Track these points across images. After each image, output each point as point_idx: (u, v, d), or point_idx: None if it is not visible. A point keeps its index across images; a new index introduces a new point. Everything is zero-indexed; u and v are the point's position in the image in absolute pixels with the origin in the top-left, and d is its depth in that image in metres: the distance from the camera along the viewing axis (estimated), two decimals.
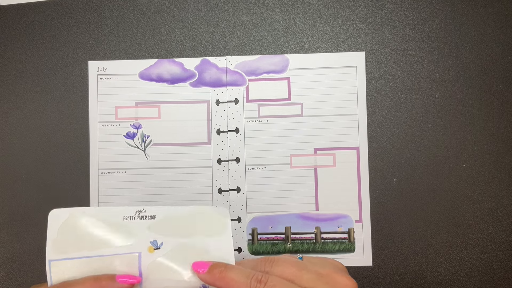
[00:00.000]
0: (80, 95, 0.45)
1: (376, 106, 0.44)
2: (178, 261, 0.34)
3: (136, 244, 0.33)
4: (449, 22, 0.44)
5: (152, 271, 0.33)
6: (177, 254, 0.34)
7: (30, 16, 0.45)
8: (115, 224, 0.34)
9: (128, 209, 0.34)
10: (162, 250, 0.33)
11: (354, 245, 0.43)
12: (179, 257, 0.34)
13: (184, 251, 0.34)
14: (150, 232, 0.34)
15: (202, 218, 0.35)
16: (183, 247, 0.34)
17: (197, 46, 0.45)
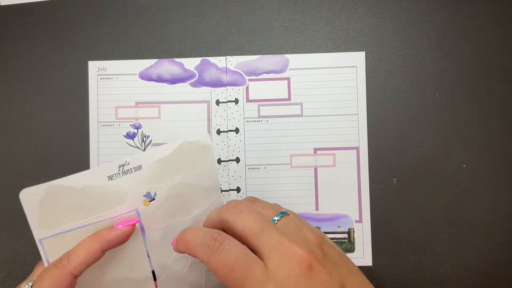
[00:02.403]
0: (80, 95, 0.45)
1: (376, 106, 0.44)
2: (176, 204, 0.33)
3: (131, 202, 0.32)
4: (449, 22, 0.44)
5: (154, 222, 0.33)
6: (173, 198, 0.33)
7: (30, 16, 0.45)
8: (101, 187, 0.32)
9: (110, 167, 0.32)
10: (157, 200, 0.32)
11: (354, 245, 0.43)
12: (175, 200, 0.33)
13: (178, 193, 0.33)
14: (140, 185, 0.32)
15: (185, 153, 0.33)
16: (176, 189, 0.33)
17: (197, 46, 0.45)
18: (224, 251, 0.26)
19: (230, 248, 0.26)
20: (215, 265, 0.26)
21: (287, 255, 0.25)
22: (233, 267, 0.25)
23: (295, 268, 0.24)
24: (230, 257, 0.26)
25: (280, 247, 0.25)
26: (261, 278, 0.25)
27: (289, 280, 0.24)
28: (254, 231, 0.27)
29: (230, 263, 0.26)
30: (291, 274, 0.24)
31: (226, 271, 0.26)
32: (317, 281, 0.24)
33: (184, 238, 0.29)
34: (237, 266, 0.25)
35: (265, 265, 0.25)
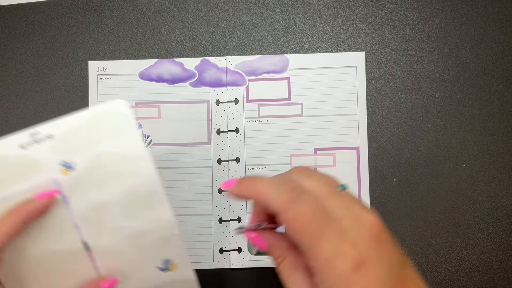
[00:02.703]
0: (80, 95, 0.45)
1: (376, 106, 0.44)
2: (103, 175, 0.32)
3: (47, 171, 0.31)
4: (449, 22, 0.44)
5: (79, 192, 0.32)
6: (98, 168, 0.32)
7: (30, 16, 0.45)
8: (14, 157, 0.31)
9: (21, 136, 0.31)
10: (78, 169, 0.32)
11: None
12: (101, 170, 0.32)
13: (103, 163, 0.32)
14: (55, 154, 0.31)
15: (103, 121, 0.33)
16: (100, 159, 0.32)
17: (197, 46, 0.45)
18: (304, 202, 0.26)
19: (309, 200, 0.26)
20: (292, 214, 0.26)
21: (359, 219, 0.25)
22: (310, 219, 0.25)
23: (367, 232, 0.25)
24: (308, 208, 0.26)
25: (352, 210, 0.26)
26: (336, 235, 0.25)
27: (362, 241, 0.25)
28: (325, 192, 0.27)
29: (308, 214, 0.25)
30: (363, 236, 0.25)
31: (302, 223, 0.25)
32: (385, 248, 0.25)
33: (254, 183, 0.28)
34: (314, 219, 0.25)
35: (339, 224, 0.25)
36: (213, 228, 0.43)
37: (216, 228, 0.43)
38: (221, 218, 0.44)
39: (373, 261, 0.25)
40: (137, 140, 0.33)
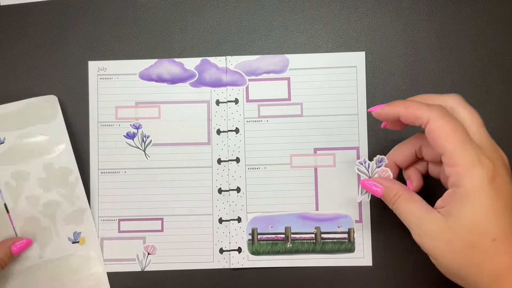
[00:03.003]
0: (80, 95, 0.45)
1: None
2: (26, 151, 0.42)
3: None
4: (449, 22, 0.44)
5: (3, 162, 0.41)
6: (23, 144, 0.42)
7: (30, 16, 0.45)
8: None
9: None
10: (6, 144, 0.41)
11: (354, 245, 0.43)
12: (25, 146, 0.42)
13: (28, 141, 0.42)
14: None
15: (34, 109, 0.42)
16: (25, 137, 0.42)
17: (197, 46, 0.45)
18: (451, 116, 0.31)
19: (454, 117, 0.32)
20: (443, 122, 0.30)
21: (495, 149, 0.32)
22: (457, 128, 0.30)
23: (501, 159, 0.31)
24: (456, 121, 0.31)
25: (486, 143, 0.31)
26: (477, 148, 0.30)
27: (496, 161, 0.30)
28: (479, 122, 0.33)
29: (456, 125, 0.30)
30: (498, 158, 0.31)
31: (451, 130, 0.30)
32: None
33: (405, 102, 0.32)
34: (461, 129, 0.30)
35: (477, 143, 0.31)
36: (213, 228, 0.43)
37: (216, 228, 0.43)
38: (221, 218, 0.44)
39: (505, 179, 0.29)
40: (60, 126, 0.42)
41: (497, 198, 0.29)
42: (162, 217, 0.44)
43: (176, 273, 0.43)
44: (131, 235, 0.44)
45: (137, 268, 0.43)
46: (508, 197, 0.29)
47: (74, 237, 0.43)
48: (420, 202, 0.32)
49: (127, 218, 0.44)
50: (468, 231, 0.29)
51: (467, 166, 0.29)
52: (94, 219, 0.43)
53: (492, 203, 0.29)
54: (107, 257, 0.43)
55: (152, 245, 0.43)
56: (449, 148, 0.30)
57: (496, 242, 0.29)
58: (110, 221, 0.44)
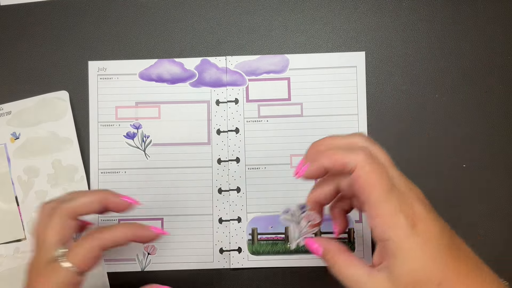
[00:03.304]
0: (80, 95, 0.45)
1: (376, 106, 0.44)
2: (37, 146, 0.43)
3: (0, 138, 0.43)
4: (449, 22, 0.44)
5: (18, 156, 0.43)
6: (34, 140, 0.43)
7: (30, 16, 0.45)
8: None
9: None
10: (21, 139, 0.43)
11: (354, 245, 0.43)
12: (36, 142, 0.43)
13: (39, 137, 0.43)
14: (9, 126, 0.43)
15: (47, 106, 0.44)
16: (37, 133, 0.43)
17: (197, 46, 0.45)
18: (377, 163, 0.29)
19: (380, 162, 0.30)
20: (369, 169, 0.29)
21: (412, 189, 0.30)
22: (382, 176, 0.29)
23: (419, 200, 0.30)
24: (381, 168, 0.29)
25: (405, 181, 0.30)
26: (398, 197, 0.29)
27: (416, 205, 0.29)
28: (389, 162, 0.31)
29: (381, 172, 0.29)
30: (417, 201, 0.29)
31: (376, 178, 0.29)
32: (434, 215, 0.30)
33: (328, 152, 0.31)
34: (385, 177, 0.29)
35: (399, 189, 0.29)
36: (213, 228, 0.43)
37: (216, 228, 0.43)
38: (221, 218, 0.44)
39: (427, 222, 0.29)
40: (69, 124, 0.44)
41: (427, 243, 0.28)
42: (162, 217, 0.44)
43: (176, 273, 0.43)
44: None
45: (137, 268, 0.43)
46: (437, 237, 0.29)
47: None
48: (359, 264, 0.31)
49: (127, 218, 0.44)
50: (412, 284, 0.28)
51: (389, 217, 0.28)
52: (94, 219, 0.43)
53: (423, 250, 0.28)
54: (107, 257, 0.43)
55: (152, 245, 0.43)
56: (372, 198, 0.28)
57: (442, 286, 0.28)
58: (110, 221, 0.44)
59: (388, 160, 0.31)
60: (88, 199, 0.34)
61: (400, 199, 0.28)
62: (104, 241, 0.33)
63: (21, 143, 0.43)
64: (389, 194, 0.28)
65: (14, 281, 0.42)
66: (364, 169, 0.29)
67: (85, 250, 0.32)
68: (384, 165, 0.30)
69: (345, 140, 0.32)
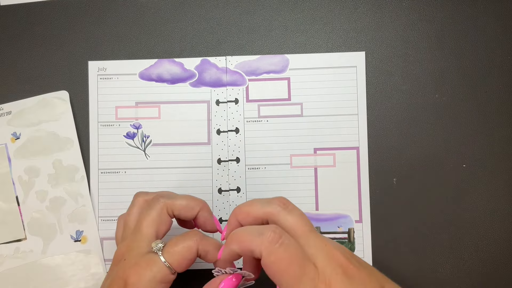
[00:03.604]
0: (80, 95, 0.45)
1: (376, 106, 0.44)
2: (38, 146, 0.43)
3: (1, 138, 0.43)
4: (449, 22, 0.44)
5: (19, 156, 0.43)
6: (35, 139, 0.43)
7: (30, 16, 0.45)
8: None
9: None
10: (21, 139, 0.43)
11: (354, 245, 0.43)
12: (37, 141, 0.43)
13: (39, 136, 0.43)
14: (9, 127, 0.43)
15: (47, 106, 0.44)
16: (37, 133, 0.43)
17: (197, 46, 0.45)
18: (284, 245, 0.27)
19: (289, 242, 0.27)
20: (275, 257, 0.27)
21: (331, 256, 0.27)
22: (292, 261, 0.26)
23: (339, 269, 0.26)
24: (290, 250, 0.27)
25: (325, 248, 0.27)
26: (314, 275, 0.26)
27: (335, 278, 0.26)
28: (304, 230, 0.28)
29: (289, 257, 0.26)
30: (337, 272, 0.26)
31: (284, 265, 0.26)
32: (359, 282, 0.26)
33: (237, 236, 0.29)
34: (295, 261, 0.26)
35: (316, 264, 0.27)
36: None
37: None
38: (221, 218, 0.44)
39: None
40: (70, 124, 0.44)
41: None
42: None
43: None
44: None
45: None
46: None
47: (77, 236, 0.43)
48: None
49: None
50: None
51: None
52: (94, 218, 0.43)
53: None
54: (107, 257, 0.43)
55: None
56: (284, 285, 0.27)
57: None
58: (110, 221, 0.44)
59: (308, 227, 0.28)
60: (191, 203, 0.34)
61: (315, 281, 0.26)
62: (203, 246, 0.32)
63: (22, 143, 0.43)
64: (301, 280, 0.26)
65: (14, 281, 0.42)
66: (269, 258, 0.27)
67: (183, 249, 0.32)
68: (293, 242, 0.27)
69: (261, 210, 0.30)
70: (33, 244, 0.43)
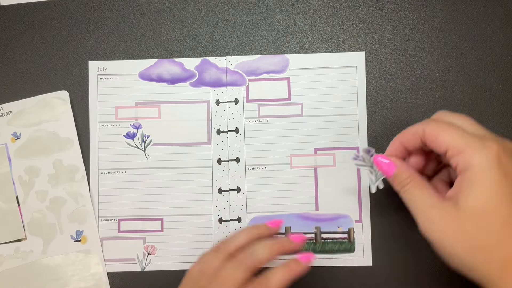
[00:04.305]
0: (80, 95, 0.45)
1: (376, 106, 0.44)
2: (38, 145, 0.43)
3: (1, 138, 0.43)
4: (449, 22, 0.44)
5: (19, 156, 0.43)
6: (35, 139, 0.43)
7: (30, 16, 0.45)
8: None
9: None
10: (21, 139, 0.43)
11: (354, 245, 0.43)
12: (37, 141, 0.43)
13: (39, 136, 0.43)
14: (9, 127, 0.44)
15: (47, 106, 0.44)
16: (37, 133, 0.43)
17: (197, 46, 0.45)
18: None
19: None
20: None
21: None
22: None
23: None
24: None
25: None
26: None
27: None
28: None
29: None
30: None
31: None
32: None
33: None
34: None
35: None
36: (213, 228, 0.43)
37: (216, 228, 0.43)
38: (221, 218, 0.44)
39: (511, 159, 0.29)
40: (70, 124, 0.44)
41: (505, 177, 0.28)
42: (162, 217, 0.44)
43: (176, 273, 0.43)
44: (131, 235, 0.44)
45: (137, 268, 0.43)
46: None
47: (77, 236, 0.43)
48: (431, 190, 0.31)
49: (127, 218, 0.44)
50: (476, 214, 0.28)
51: (473, 149, 0.29)
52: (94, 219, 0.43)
53: (500, 183, 0.28)
54: (107, 257, 0.43)
55: (152, 245, 0.43)
56: (451, 140, 0.30)
57: (506, 225, 0.28)
58: (110, 221, 0.44)
59: (470, 121, 0.33)
60: (271, 254, 0.35)
61: (483, 138, 0.30)
62: None
63: (22, 143, 0.43)
64: (466, 134, 0.30)
65: (14, 281, 0.42)
66: (430, 126, 0.31)
67: None
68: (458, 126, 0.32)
69: None
70: (33, 244, 0.43)
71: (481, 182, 0.28)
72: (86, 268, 0.43)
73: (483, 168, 0.28)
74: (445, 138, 0.30)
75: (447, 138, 0.30)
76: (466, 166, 0.29)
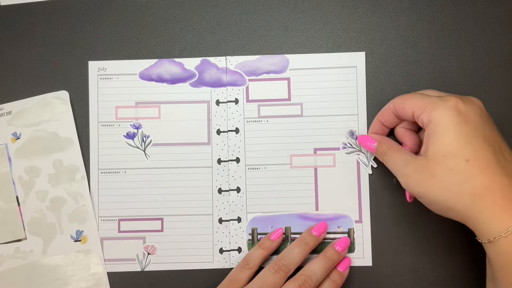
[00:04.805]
0: (80, 95, 0.45)
1: (376, 106, 0.44)
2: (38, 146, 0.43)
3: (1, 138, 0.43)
4: (449, 22, 0.44)
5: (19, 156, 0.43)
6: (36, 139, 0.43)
7: (30, 16, 0.45)
8: None
9: None
10: (21, 139, 0.43)
11: (354, 245, 0.43)
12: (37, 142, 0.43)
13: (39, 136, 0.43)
14: (9, 127, 0.44)
15: (47, 105, 0.44)
16: (37, 133, 0.43)
17: (197, 46, 0.45)
18: None
19: None
20: None
21: None
22: None
23: None
24: None
25: None
26: None
27: None
28: None
29: None
30: None
31: None
32: None
33: None
34: None
35: None
36: (213, 228, 0.43)
37: (216, 228, 0.43)
38: (221, 218, 0.44)
39: (470, 108, 0.33)
40: (70, 124, 0.44)
41: (465, 123, 0.32)
42: (162, 217, 0.44)
43: (176, 273, 0.43)
44: (131, 235, 0.44)
45: (137, 268, 0.43)
46: (475, 124, 0.33)
47: (77, 236, 0.43)
48: (407, 152, 0.37)
49: (127, 218, 0.44)
50: (442, 157, 0.32)
51: (433, 104, 0.33)
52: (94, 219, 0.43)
53: (460, 127, 0.32)
54: (107, 257, 0.43)
55: (152, 245, 0.43)
56: (414, 103, 0.35)
57: (470, 163, 0.32)
58: (110, 221, 0.44)
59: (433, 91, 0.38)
60: (325, 274, 0.40)
61: (442, 95, 0.34)
62: None
63: (22, 143, 0.43)
64: (426, 95, 0.35)
65: (14, 281, 0.42)
66: (397, 100, 0.38)
67: None
68: None
69: None
70: (33, 244, 0.43)
71: (442, 129, 0.32)
72: (86, 268, 0.43)
73: (442, 117, 0.32)
74: (410, 103, 0.35)
75: (411, 102, 0.35)
76: (429, 119, 0.33)
